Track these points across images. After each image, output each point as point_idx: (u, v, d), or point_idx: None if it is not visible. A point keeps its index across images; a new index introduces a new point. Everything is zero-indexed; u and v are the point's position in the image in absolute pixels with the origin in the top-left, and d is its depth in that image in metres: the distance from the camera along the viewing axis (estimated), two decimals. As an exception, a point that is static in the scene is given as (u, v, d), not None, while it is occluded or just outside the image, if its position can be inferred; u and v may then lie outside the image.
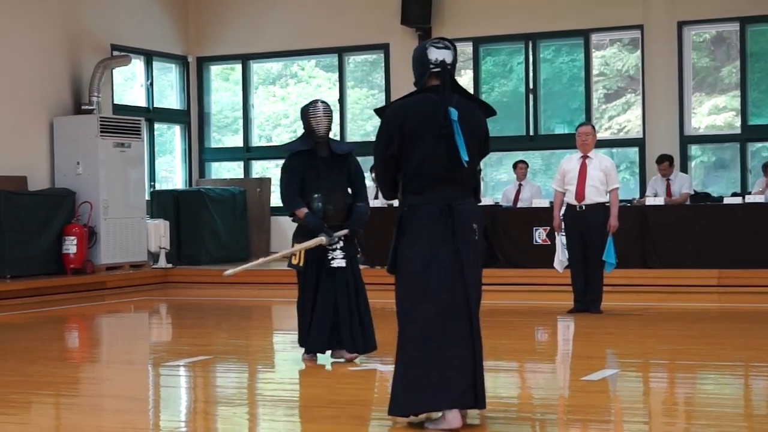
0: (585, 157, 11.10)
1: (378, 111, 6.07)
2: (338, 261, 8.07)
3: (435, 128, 5.72)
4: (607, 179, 11.01)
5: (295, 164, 8.12)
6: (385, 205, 15.60)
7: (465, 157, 5.73)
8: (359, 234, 8.26)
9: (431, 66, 5.76)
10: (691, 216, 14.15)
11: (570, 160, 11.27)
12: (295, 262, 8.12)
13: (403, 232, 5.86)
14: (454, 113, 5.72)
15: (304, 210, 8.05)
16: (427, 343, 5.66)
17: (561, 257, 11.50)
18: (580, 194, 10.98)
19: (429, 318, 5.68)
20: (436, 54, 5.76)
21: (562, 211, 11.23)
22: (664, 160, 14.95)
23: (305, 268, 8.08)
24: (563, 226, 11.23)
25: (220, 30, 18.99)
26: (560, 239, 11.51)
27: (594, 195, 10.96)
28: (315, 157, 8.08)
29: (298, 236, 8.12)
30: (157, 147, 18.70)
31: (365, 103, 18.90)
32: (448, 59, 5.79)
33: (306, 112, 8.11)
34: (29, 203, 14.91)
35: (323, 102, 8.19)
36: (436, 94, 5.77)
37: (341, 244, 8.09)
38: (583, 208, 10.97)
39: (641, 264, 14.13)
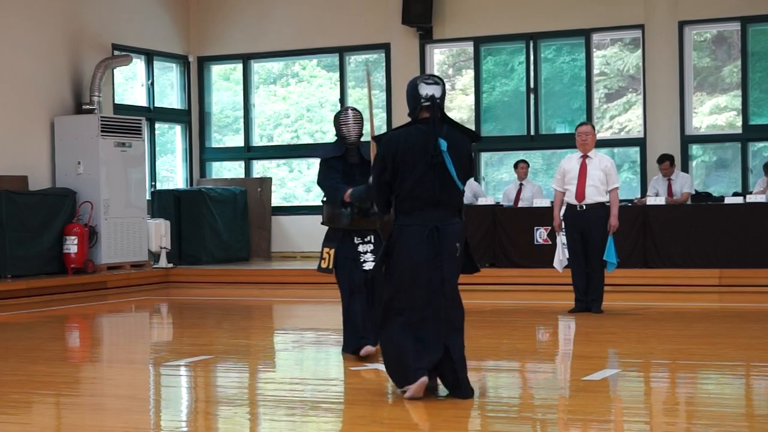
0: (585, 156, 11.09)
1: (375, 138, 6.87)
2: (369, 264, 8.18)
3: (426, 158, 6.39)
4: (607, 179, 11.01)
5: (332, 162, 8.35)
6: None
7: (461, 187, 6.50)
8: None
9: (422, 100, 6.43)
10: (692, 216, 14.14)
11: (570, 159, 11.27)
12: (324, 265, 8.28)
13: (392, 249, 6.54)
14: (443, 144, 6.39)
15: (349, 191, 8.14)
16: (401, 343, 6.46)
17: (561, 257, 11.49)
18: (580, 194, 10.98)
19: (408, 324, 6.46)
20: (426, 89, 6.44)
21: (563, 211, 11.23)
22: (665, 159, 14.94)
23: (336, 270, 8.23)
24: (563, 226, 11.23)
25: (221, 29, 18.99)
26: (560, 239, 11.50)
27: (594, 194, 10.96)
28: (346, 163, 8.31)
29: (328, 241, 8.29)
30: (158, 147, 18.70)
31: (366, 103, 18.86)
32: (437, 93, 6.45)
33: (337, 119, 8.42)
34: (30, 203, 14.92)
35: (354, 109, 8.53)
36: (427, 126, 6.42)
37: (372, 246, 8.23)
38: (584, 207, 10.97)
39: (642, 264, 14.14)
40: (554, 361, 8.59)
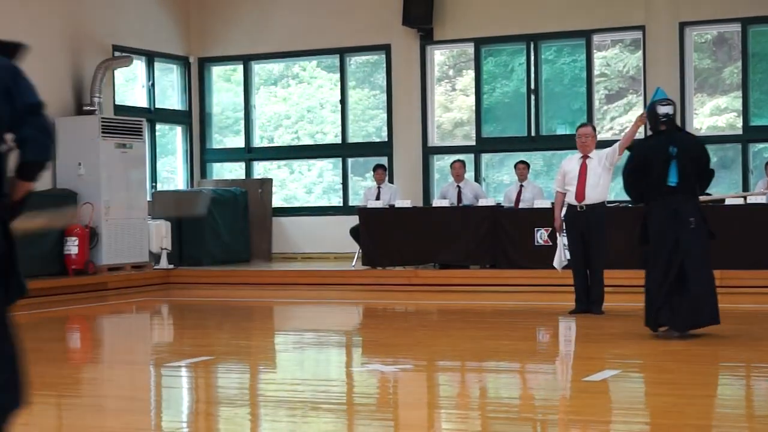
0: (585, 157, 11.11)
1: (629, 148, 10.23)
2: None
3: (661, 158, 8.82)
4: (610, 158, 11.04)
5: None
6: (387, 206, 15.61)
7: (671, 183, 8.89)
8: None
9: (661, 118, 8.99)
10: (692, 217, 14.12)
11: (570, 160, 11.29)
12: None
13: (646, 224, 9.15)
14: (673, 150, 8.83)
15: None
16: (653, 284, 9.13)
17: (562, 257, 11.49)
18: (580, 194, 10.99)
19: (657, 274, 9.12)
20: (663, 110, 9.01)
21: (563, 212, 11.24)
22: None
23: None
24: (564, 227, 11.24)
25: (221, 31, 18.99)
26: (561, 240, 11.51)
27: (594, 195, 10.97)
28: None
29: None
30: (159, 148, 18.70)
31: (366, 104, 18.91)
32: (671, 111, 9.06)
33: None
34: (30, 204, 14.88)
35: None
36: (663, 136, 8.99)
37: None
38: (584, 208, 10.98)
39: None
40: (555, 362, 8.59)
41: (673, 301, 8.98)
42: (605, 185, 11.12)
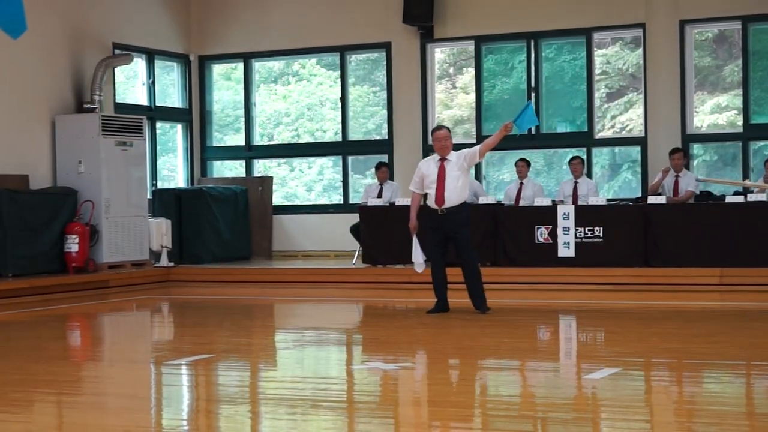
0: (443, 159, 11.06)
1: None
2: None
3: None
4: (470, 160, 10.92)
5: None
6: (387, 204, 15.61)
7: None
8: None
9: None
10: (693, 214, 14.15)
11: (428, 163, 11.20)
12: None
13: None
14: None
15: None
16: None
17: (419, 258, 11.30)
18: (440, 198, 10.90)
19: None
20: None
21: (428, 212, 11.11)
22: (678, 151, 14.96)
23: None
24: (420, 228, 11.10)
25: (222, 28, 18.99)
26: (415, 240, 11.30)
27: (454, 197, 10.89)
28: None
29: None
30: (159, 146, 18.70)
31: (367, 101, 18.91)
32: None
33: None
34: (31, 202, 14.92)
35: None
36: None
37: None
38: (445, 211, 10.92)
39: (643, 263, 14.14)
40: (555, 360, 8.59)
41: None
42: (464, 186, 11.00)
